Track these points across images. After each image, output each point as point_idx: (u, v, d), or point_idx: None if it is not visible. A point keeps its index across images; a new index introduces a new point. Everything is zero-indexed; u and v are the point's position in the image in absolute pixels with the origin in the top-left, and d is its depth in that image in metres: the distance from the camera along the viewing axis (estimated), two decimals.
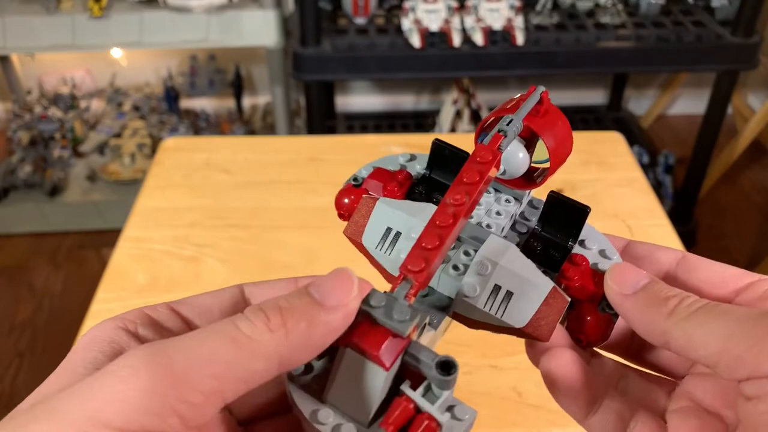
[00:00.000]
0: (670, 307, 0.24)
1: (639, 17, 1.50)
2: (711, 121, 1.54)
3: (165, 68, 1.93)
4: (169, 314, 0.26)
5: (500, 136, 0.26)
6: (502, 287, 0.26)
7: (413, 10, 1.40)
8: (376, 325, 0.23)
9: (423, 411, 0.22)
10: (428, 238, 0.24)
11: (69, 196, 1.78)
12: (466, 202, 0.25)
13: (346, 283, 0.22)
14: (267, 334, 0.21)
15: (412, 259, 0.24)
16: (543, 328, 0.26)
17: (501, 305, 0.26)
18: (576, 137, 0.29)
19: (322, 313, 0.22)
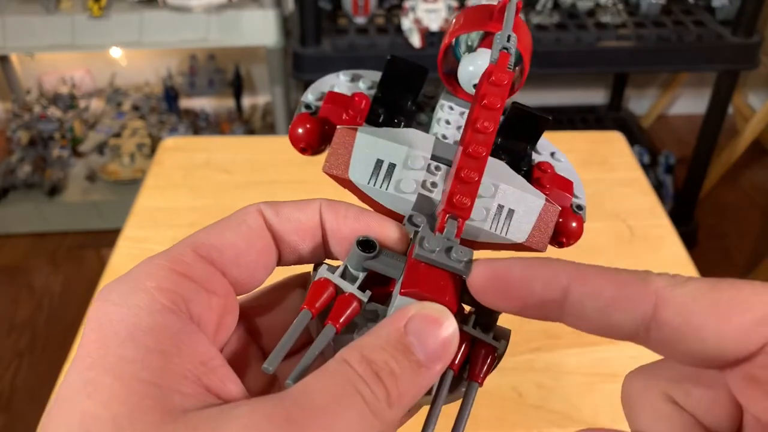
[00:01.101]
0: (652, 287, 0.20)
1: (639, 17, 1.49)
2: (712, 120, 1.54)
3: (164, 68, 1.93)
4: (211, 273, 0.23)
5: (506, 54, 0.25)
6: (505, 206, 0.26)
7: (413, 10, 1.40)
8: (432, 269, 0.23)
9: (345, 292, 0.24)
10: (467, 171, 0.24)
11: (68, 196, 1.77)
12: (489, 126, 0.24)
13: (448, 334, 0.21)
14: (388, 411, 0.20)
15: (458, 195, 0.24)
16: (540, 239, 0.26)
17: (504, 224, 0.26)
18: (576, 137, 0.29)
19: (427, 378, 0.21)
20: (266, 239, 0.25)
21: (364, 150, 0.26)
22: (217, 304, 0.22)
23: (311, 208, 0.26)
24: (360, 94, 0.28)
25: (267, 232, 0.25)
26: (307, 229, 0.26)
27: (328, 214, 0.26)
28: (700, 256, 1.63)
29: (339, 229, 0.26)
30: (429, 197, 0.26)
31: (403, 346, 0.20)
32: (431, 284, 0.23)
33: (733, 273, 1.64)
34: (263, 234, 0.25)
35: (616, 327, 0.20)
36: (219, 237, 0.24)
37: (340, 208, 0.26)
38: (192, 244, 0.23)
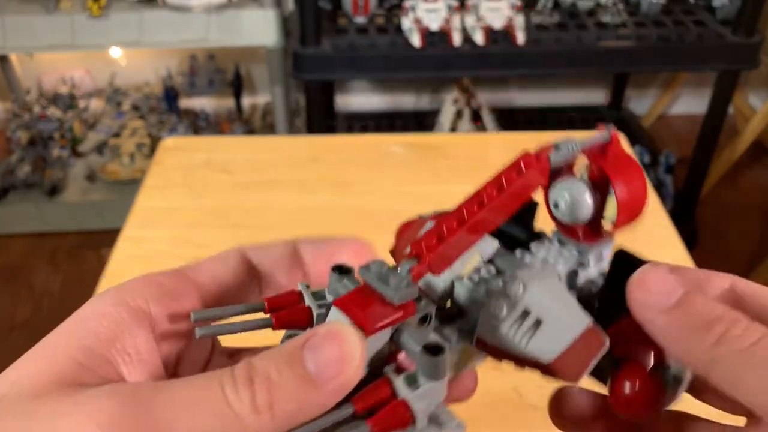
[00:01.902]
0: (716, 335, 0.20)
1: (640, 17, 1.49)
2: (712, 120, 1.54)
3: (164, 68, 1.93)
4: (184, 284, 0.25)
5: (550, 147, 0.23)
6: (532, 313, 0.23)
7: (413, 10, 1.40)
8: (373, 292, 0.22)
9: (399, 397, 0.21)
10: (448, 220, 0.23)
11: (68, 195, 1.77)
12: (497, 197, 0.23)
13: (346, 351, 0.20)
14: (252, 416, 0.19)
15: (427, 235, 0.22)
16: (572, 368, 0.22)
17: (527, 333, 0.23)
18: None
19: (314, 394, 0.20)
20: (242, 266, 0.26)
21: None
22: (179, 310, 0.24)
23: (287, 242, 0.28)
24: None
25: (244, 262, 0.27)
26: (284, 257, 0.27)
27: (305, 246, 0.27)
28: (700, 256, 1.63)
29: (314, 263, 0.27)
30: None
31: (292, 358, 0.20)
32: (359, 303, 0.21)
33: (733, 273, 1.64)
34: (240, 263, 0.27)
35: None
36: (199, 263, 0.26)
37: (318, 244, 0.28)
38: (179, 267, 0.26)
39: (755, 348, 0.19)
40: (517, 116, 2.04)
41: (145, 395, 0.19)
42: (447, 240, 0.22)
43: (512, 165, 0.23)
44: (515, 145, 0.26)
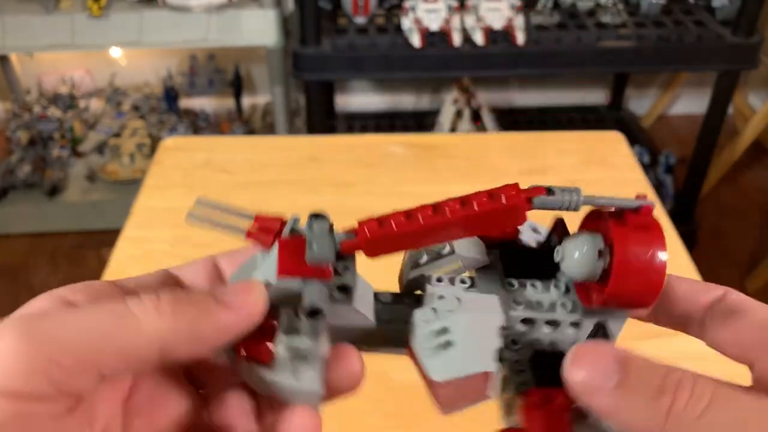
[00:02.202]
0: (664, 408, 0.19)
1: (640, 17, 1.49)
2: (712, 120, 1.54)
3: (164, 68, 1.93)
4: (110, 286, 0.26)
5: (542, 189, 0.22)
6: (449, 333, 0.23)
7: (413, 10, 1.40)
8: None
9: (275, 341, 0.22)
10: (397, 213, 0.22)
11: (68, 195, 1.77)
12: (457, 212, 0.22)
13: (251, 290, 0.22)
14: (153, 314, 0.21)
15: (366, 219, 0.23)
16: (450, 399, 0.23)
17: (434, 349, 0.23)
18: (576, 137, 0.27)
19: (215, 308, 0.21)
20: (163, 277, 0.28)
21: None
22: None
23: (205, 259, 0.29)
24: None
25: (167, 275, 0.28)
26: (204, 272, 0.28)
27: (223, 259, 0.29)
28: (700, 256, 1.63)
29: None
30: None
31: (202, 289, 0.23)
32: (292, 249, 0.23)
33: (733, 273, 1.64)
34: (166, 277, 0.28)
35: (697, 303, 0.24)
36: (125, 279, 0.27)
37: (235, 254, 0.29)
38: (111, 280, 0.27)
39: (707, 415, 0.19)
40: (517, 116, 2.04)
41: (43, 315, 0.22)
42: (387, 230, 0.22)
43: (492, 189, 0.22)
44: (515, 145, 0.26)
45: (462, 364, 0.23)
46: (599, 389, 0.20)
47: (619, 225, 0.22)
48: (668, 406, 0.19)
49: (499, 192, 0.22)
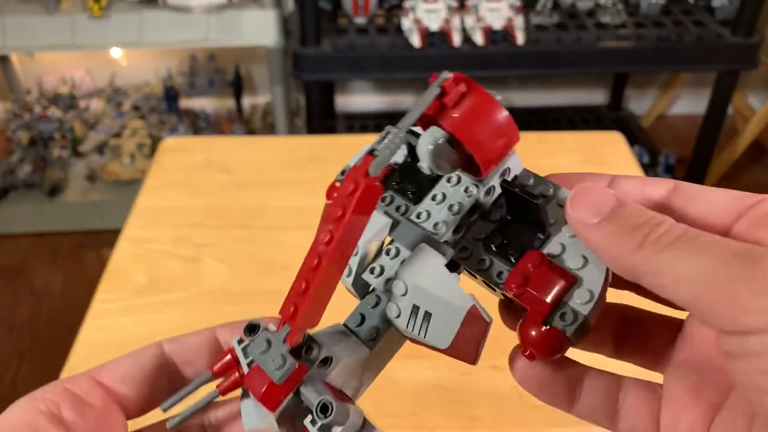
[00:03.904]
0: (639, 237, 0.21)
1: (639, 17, 1.49)
2: (711, 121, 1.54)
3: (165, 68, 1.93)
4: (92, 386, 0.26)
5: (370, 157, 0.22)
6: (421, 307, 0.24)
7: (413, 10, 1.40)
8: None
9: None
10: (297, 283, 0.23)
11: (68, 196, 1.77)
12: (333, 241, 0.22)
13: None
14: None
15: (284, 305, 0.23)
16: (466, 351, 0.24)
17: (422, 326, 0.24)
18: (576, 137, 0.28)
19: None
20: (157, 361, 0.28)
21: None
22: (91, 413, 0.26)
23: (206, 331, 0.29)
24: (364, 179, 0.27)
25: (161, 357, 0.28)
26: (202, 346, 0.28)
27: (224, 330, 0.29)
28: None
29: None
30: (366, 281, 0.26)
31: None
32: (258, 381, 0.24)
33: None
34: (154, 357, 0.28)
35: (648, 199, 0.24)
36: (115, 362, 0.27)
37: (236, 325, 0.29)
38: (91, 370, 0.27)
39: (674, 244, 0.20)
40: (517, 116, 2.01)
41: None
42: (303, 306, 0.23)
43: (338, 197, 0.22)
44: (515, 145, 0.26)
45: (449, 321, 0.24)
46: (589, 212, 0.22)
47: (443, 115, 0.23)
48: (644, 236, 0.21)
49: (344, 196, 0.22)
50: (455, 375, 0.54)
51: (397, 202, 0.28)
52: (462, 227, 0.26)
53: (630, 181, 0.25)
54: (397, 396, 0.53)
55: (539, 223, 0.25)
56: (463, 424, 0.51)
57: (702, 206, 0.24)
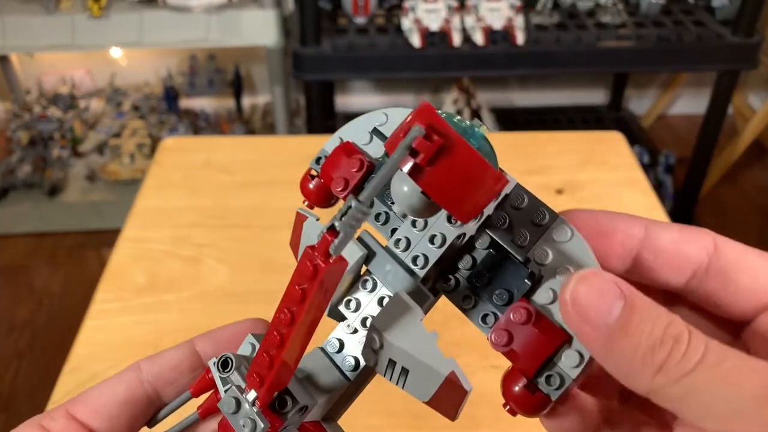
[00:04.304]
0: (657, 362, 0.19)
1: (639, 17, 1.49)
2: (712, 120, 1.54)
3: (164, 68, 1.93)
4: (67, 422, 0.26)
5: (331, 235, 0.20)
6: (397, 363, 0.23)
7: (413, 10, 1.40)
8: None
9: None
10: (259, 356, 0.22)
11: (68, 196, 1.77)
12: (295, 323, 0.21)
13: None
14: None
15: (249, 379, 0.23)
16: (445, 409, 0.23)
17: (400, 379, 0.23)
18: (576, 137, 0.27)
19: None
20: (133, 388, 0.27)
21: (304, 245, 0.25)
22: None
23: (184, 345, 0.28)
24: (354, 159, 0.25)
25: (137, 383, 0.27)
26: (182, 360, 0.28)
27: (203, 342, 0.28)
28: None
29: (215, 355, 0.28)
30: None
31: None
32: None
33: None
34: (132, 382, 0.27)
35: (685, 257, 0.22)
36: (89, 394, 0.27)
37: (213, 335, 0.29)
38: (68, 402, 0.27)
39: (697, 371, 0.18)
40: (517, 116, 2.04)
41: None
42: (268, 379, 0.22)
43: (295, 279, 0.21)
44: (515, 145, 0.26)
45: (428, 381, 0.23)
46: (596, 319, 0.19)
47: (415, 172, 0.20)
48: (663, 359, 0.19)
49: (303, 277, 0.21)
50: None
51: (376, 208, 0.26)
52: (444, 259, 0.24)
53: (667, 235, 0.23)
54: (397, 396, 0.53)
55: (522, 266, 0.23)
56: (463, 424, 0.51)
57: (747, 280, 0.22)
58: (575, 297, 0.20)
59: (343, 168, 0.25)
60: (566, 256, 0.23)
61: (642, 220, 0.23)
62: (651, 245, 0.23)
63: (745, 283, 0.22)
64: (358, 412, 0.40)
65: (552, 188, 0.76)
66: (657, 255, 0.23)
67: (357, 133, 0.26)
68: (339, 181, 0.25)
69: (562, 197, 0.75)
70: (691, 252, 0.23)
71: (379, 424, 0.52)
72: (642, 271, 0.24)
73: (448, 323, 0.27)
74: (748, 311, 0.22)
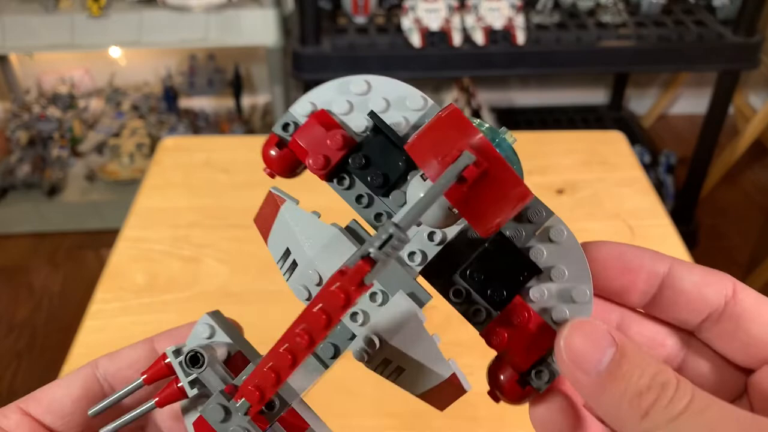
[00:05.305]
0: (644, 407, 0.20)
1: (640, 16, 1.49)
2: (712, 120, 1.54)
3: (164, 68, 1.92)
4: (20, 418, 0.26)
5: (367, 265, 0.19)
6: (393, 362, 0.23)
7: (413, 9, 1.40)
8: None
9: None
10: (266, 372, 0.21)
11: (68, 195, 1.77)
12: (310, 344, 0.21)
13: None
14: None
15: (249, 392, 0.22)
16: (437, 402, 0.23)
17: (392, 375, 0.23)
18: (577, 137, 0.27)
19: None
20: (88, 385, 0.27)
21: (280, 231, 0.24)
22: None
23: (143, 344, 0.28)
24: (338, 136, 0.24)
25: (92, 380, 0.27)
26: (140, 359, 0.27)
27: (163, 340, 0.28)
28: (700, 256, 1.63)
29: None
30: None
31: None
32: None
33: (733, 273, 1.62)
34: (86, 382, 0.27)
35: (704, 300, 0.23)
36: (43, 391, 0.27)
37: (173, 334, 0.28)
38: (21, 399, 0.27)
39: (682, 416, 0.19)
40: (517, 116, 2.04)
41: None
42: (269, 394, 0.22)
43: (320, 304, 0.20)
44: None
45: (424, 380, 0.23)
46: (588, 366, 0.20)
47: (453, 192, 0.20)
48: (650, 404, 0.20)
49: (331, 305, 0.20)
50: None
51: (357, 189, 0.25)
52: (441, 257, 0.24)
53: (690, 277, 0.24)
54: (398, 396, 0.53)
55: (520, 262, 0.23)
56: (463, 424, 0.51)
57: (757, 329, 0.23)
58: (569, 345, 0.21)
59: (320, 142, 0.24)
60: (560, 256, 0.23)
61: (667, 259, 0.24)
62: (674, 285, 0.24)
63: (754, 332, 0.23)
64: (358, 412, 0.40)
65: (552, 188, 0.76)
66: (678, 295, 0.24)
67: (332, 99, 0.25)
68: (318, 158, 0.24)
69: (562, 197, 0.75)
70: (710, 295, 0.23)
71: (379, 424, 0.52)
72: (661, 308, 0.24)
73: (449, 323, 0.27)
74: (754, 361, 0.23)
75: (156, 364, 0.25)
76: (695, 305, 0.24)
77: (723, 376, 0.23)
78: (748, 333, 0.23)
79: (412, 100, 0.25)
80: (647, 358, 0.21)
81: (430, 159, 0.20)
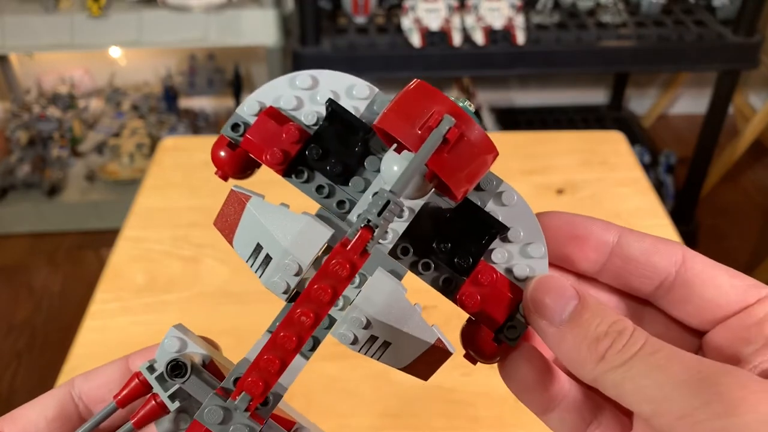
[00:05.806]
0: (601, 349, 0.21)
1: (640, 16, 1.49)
2: (712, 120, 1.54)
3: (164, 68, 1.92)
4: None
5: (368, 232, 0.20)
6: (379, 338, 0.23)
7: (413, 9, 1.40)
8: None
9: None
10: (268, 360, 0.21)
11: (68, 196, 1.77)
12: (315, 322, 0.21)
13: None
14: None
15: (251, 384, 0.22)
16: (422, 372, 0.24)
17: (377, 352, 0.24)
18: (577, 137, 0.28)
19: None
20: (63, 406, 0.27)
21: (248, 227, 0.24)
22: None
23: (118, 362, 0.28)
24: (292, 129, 0.24)
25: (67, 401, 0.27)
26: (115, 379, 0.27)
27: (137, 359, 0.28)
28: None
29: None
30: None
31: None
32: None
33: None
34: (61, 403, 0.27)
35: (653, 267, 0.24)
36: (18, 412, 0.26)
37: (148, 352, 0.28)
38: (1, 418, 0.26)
39: (634, 358, 0.21)
40: (517, 116, 2.04)
41: None
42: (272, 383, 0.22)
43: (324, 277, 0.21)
44: (515, 145, 0.25)
45: (410, 351, 0.24)
46: (552, 316, 0.22)
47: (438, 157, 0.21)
48: (606, 348, 0.21)
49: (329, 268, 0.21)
50: (455, 375, 0.53)
51: (317, 181, 0.25)
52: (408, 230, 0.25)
53: (638, 245, 0.25)
54: (398, 396, 0.53)
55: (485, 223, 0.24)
56: (463, 424, 0.51)
57: (709, 294, 0.24)
58: (535, 298, 0.23)
59: (275, 137, 0.24)
60: (513, 218, 0.24)
61: (616, 228, 0.25)
62: (623, 252, 0.25)
63: (707, 296, 0.24)
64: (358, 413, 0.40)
65: (552, 188, 0.76)
66: (627, 263, 0.25)
67: (279, 96, 0.25)
68: (276, 154, 0.24)
69: (562, 197, 0.75)
70: (660, 263, 0.24)
71: (379, 424, 0.52)
72: (612, 276, 0.26)
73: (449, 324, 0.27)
74: (707, 324, 0.24)
75: (128, 384, 0.25)
76: (645, 272, 0.25)
77: (678, 341, 0.24)
78: (702, 297, 0.24)
79: (359, 89, 0.27)
80: (606, 309, 0.22)
81: (408, 129, 0.21)
